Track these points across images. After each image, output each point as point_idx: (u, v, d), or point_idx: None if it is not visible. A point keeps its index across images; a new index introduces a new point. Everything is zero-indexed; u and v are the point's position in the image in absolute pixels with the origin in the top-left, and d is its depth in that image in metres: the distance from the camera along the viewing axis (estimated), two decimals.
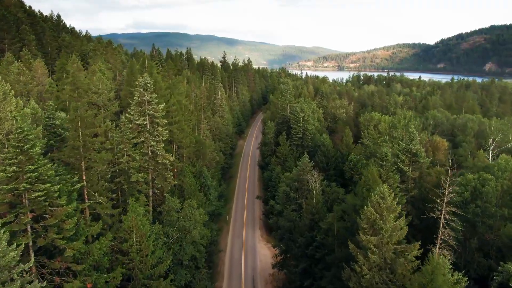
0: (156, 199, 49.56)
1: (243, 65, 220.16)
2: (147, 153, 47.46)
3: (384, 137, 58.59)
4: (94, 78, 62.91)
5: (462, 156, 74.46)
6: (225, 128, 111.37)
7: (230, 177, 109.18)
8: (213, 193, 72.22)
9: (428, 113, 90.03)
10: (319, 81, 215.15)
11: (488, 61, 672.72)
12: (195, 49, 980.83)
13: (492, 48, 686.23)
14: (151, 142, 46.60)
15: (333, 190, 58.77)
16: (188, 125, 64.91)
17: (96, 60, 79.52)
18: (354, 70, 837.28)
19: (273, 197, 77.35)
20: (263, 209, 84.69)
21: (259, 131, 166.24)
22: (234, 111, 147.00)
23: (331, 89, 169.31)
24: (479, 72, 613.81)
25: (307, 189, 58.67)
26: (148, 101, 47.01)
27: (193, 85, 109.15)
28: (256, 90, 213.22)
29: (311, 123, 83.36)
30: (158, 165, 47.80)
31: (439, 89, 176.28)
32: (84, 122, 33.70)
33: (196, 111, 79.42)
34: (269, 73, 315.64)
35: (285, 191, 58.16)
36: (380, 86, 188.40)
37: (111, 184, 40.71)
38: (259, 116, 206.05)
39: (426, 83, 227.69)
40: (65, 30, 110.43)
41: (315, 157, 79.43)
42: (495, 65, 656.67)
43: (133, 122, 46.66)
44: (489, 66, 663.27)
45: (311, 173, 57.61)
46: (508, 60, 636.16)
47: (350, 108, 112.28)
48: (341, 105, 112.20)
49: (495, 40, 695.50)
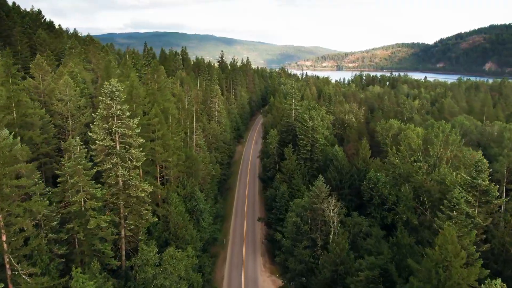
0: (130, 242, 37.51)
1: (242, 65, 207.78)
2: (116, 183, 35.38)
3: (417, 155, 46.72)
4: (60, 82, 50.75)
5: (498, 172, 62.70)
6: (222, 135, 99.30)
7: (227, 189, 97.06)
8: (207, 218, 60.20)
9: (454, 120, 78.11)
10: (321, 81, 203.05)
11: (488, 60, 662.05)
12: (193, 49, 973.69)
13: (492, 47, 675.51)
14: (120, 170, 34.49)
15: (354, 221, 46.93)
16: (176, 139, 52.77)
17: (71, 60, 67.21)
18: (353, 70, 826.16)
19: (278, 220, 65.37)
20: (265, 232, 72.73)
21: (259, 135, 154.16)
22: (232, 114, 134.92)
23: (335, 90, 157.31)
24: (479, 72, 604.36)
25: (323, 220, 46.81)
26: (116, 115, 34.92)
27: (187, 87, 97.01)
28: (255, 91, 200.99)
29: (321, 132, 71.36)
30: (131, 199, 35.72)
31: (449, 90, 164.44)
32: (2, 155, 21.70)
33: (188, 119, 67.28)
34: (268, 73, 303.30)
35: (295, 223, 46.25)
36: (386, 87, 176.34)
37: (59, 235, 28.71)
38: (258, 119, 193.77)
39: (432, 83, 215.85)
40: (43, 26, 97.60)
41: (326, 173, 67.56)
42: (495, 64, 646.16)
43: (97, 143, 34.57)
44: (489, 65, 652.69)
45: (327, 201, 45.77)
46: (508, 59, 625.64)
47: (360, 113, 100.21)
48: (350, 109, 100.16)
49: (494, 39, 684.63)
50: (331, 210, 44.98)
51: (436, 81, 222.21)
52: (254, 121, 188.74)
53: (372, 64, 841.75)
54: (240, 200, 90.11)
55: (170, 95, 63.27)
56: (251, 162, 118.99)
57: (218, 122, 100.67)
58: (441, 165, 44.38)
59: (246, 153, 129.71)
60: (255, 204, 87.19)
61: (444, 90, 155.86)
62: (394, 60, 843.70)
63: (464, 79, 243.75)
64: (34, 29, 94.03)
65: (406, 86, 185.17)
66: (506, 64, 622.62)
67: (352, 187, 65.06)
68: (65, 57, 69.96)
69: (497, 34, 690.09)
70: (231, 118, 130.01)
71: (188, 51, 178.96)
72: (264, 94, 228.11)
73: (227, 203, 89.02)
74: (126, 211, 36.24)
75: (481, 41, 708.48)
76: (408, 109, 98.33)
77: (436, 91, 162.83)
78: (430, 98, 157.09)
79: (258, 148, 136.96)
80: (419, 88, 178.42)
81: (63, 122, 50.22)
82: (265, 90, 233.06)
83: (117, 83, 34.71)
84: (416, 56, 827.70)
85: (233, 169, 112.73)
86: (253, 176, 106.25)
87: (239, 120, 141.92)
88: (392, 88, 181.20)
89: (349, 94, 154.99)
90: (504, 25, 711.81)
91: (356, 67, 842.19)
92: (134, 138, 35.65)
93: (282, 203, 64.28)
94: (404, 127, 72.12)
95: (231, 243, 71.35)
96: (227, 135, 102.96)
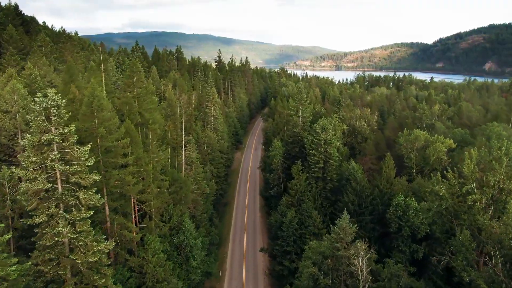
0: None
1: (240, 64, 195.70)
2: (55, 245, 23.59)
3: (471, 185, 35.17)
4: (5, 88, 38.87)
5: None
6: (219, 143, 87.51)
7: (225, 205, 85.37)
8: (198, 255, 48.43)
9: (486, 129, 66.52)
10: (324, 82, 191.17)
11: (488, 60, 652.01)
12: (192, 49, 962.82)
13: (492, 47, 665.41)
14: (59, 227, 22.68)
15: (390, 272, 35.34)
16: (158, 159, 40.92)
17: (36, 60, 55.23)
18: (352, 69, 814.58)
19: (284, 253, 53.68)
20: (268, 263, 61.06)
21: (259, 140, 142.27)
22: (230, 118, 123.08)
23: (340, 92, 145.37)
24: (479, 72, 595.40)
25: (348, 271, 35.20)
26: (56, 142, 23.17)
27: (179, 91, 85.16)
28: (254, 92, 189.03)
29: (335, 145, 59.62)
30: (81, 265, 23.94)
31: (462, 92, 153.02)
32: None
33: (177, 131, 55.45)
34: (268, 73, 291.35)
35: (312, 275, 34.63)
36: (393, 89, 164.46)
37: None
38: (258, 121, 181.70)
39: (439, 84, 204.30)
40: (15, 21, 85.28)
41: (342, 195, 55.99)
42: (495, 64, 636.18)
43: (26, 185, 22.81)
44: (489, 65, 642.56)
45: (354, 247, 34.19)
46: (508, 59, 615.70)
47: (373, 119, 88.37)
48: (362, 115, 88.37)
49: (494, 39, 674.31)
50: (360, 259, 33.42)
51: (443, 82, 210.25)
52: (254, 124, 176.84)
53: (371, 64, 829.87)
54: (239, 219, 78.45)
55: (155, 102, 51.35)
56: (250, 172, 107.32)
57: (214, 129, 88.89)
58: (509, 200, 32.79)
59: (246, 161, 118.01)
60: (256, 225, 75.51)
61: (458, 92, 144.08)
62: (393, 60, 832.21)
63: (472, 79, 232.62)
64: (6, 24, 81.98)
65: (413, 87, 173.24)
66: (506, 64, 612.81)
67: (374, 213, 53.57)
68: (30, 57, 57.97)
69: (496, 33, 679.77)
70: (229, 122, 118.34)
71: (187, 51, 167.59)
72: (263, 95, 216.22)
73: (224, 222, 77.37)
74: (74, 280, 24.46)
75: (481, 40, 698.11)
76: (428, 115, 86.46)
77: (449, 93, 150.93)
78: (442, 101, 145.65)
79: (258, 156, 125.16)
80: (428, 90, 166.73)
81: (9, 140, 38.34)
82: (264, 91, 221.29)
83: (55, 94, 22.90)
84: (415, 56, 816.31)
85: (231, 180, 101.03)
86: (253, 189, 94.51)
87: (238, 124, 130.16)
88: (398, 89, 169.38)
89: (355, 97, 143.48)
90: (504, 25, 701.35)
91: (355, 67, 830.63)
92: (83, 176, 23.85)
93: (290, 232, 52.59)
94: (432, 138, 60.50)
95: (228, 276, 59.67)
96: (224, 144, 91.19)
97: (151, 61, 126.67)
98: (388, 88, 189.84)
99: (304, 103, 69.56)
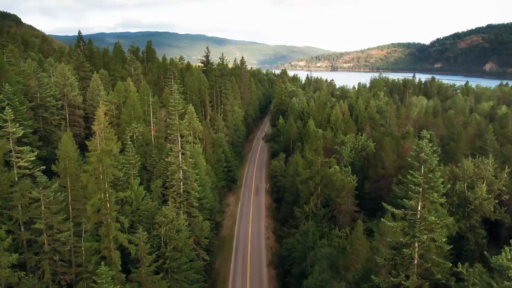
0: None
1: (234, 66, 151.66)
2: None
3: None
4: None
5: None
6: (194, 222, 44.12)
7: None
8: None
9: None
10: (340, 90, 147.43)
11: (488, 61, 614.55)
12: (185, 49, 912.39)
13: (491, 47, 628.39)
14: None
15: None
16: None
17: None
18: (348, 70, 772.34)
19: None
20: None
21: (261, 172, 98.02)
22: (219, 147, 79.56)
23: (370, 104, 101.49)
24: (479, 72, 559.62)
25: None
26: None
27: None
28: (252, 101, 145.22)
29: None
30: None
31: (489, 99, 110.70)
32: None
33: None
34: (266, 75, 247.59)
35: None
36: (437, 99, 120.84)
37: None
38: (257, 138, 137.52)
39: (476, 91, 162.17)
40: None
41: None
42: (496, 65, 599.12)
43: None
44: (490, 66, 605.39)
45: None
46: (509, 60, 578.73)
47: (501, 180, 45.40)
48: (477, 173, 45.34)
49: (493, 39, 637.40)
50: None
51: (479, 87, 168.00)
52: (252, 143, 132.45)
53: (368, 64, 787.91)
54: None
55: None
56: (251, 246, 62.69)
57: (186, 192, 45.19)
58: None
59: (243, 219, 72.50)
60: None
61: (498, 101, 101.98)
62: (390, 60, 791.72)
63: (504, 83, 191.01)
64: None
65: (459, 94, 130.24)
66: (507, 64, 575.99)
67: None
68: None
69: (496, 33, 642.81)
70: (218, 154, 74.89)
71: (179, 51, 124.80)
72: (262, 103, 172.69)
73: None
74: None
75: (480, 40, 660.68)
76: None
77: (490, 99, 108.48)
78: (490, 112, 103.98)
79: (262, 203, 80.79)
80: (480, 98, 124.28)
81: None
82: (263, 98, 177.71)
83: None
84: (413, 56, 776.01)
85: (217, 267, 57.46)
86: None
87: (231, 154, 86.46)
88: (440, 99, 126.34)
89: (391, 113, 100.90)
90: (503, 25, 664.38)
91: (351, 67, 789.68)
92: None
93: None
94: None
95: None
96: (203, 215, 47.81)
97: (101, 63, 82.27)
98: (417, 95, 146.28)
99: None
